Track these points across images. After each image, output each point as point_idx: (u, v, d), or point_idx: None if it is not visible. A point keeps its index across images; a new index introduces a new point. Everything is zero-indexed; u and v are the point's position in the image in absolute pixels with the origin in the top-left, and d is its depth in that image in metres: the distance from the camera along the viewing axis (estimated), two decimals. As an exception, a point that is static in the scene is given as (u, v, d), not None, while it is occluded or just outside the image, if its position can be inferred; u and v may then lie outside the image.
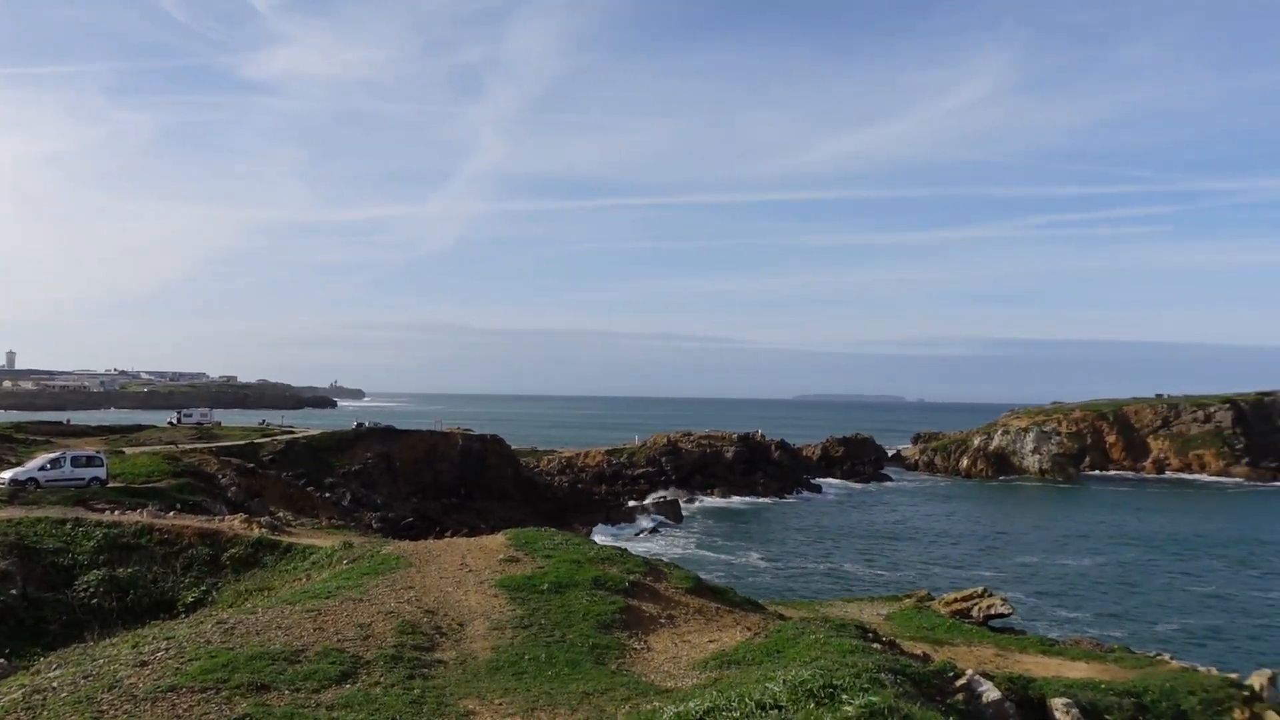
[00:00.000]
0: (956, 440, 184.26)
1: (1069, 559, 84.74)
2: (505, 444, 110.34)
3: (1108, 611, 64.42)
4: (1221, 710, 24.82)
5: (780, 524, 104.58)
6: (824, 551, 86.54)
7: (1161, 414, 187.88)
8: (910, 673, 15.83)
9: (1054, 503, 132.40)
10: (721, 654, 18.51)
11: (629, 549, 33.51)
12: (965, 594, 37.51)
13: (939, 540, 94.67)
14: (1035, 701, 23.11)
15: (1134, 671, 27.20)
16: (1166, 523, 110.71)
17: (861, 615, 34.11)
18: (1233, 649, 54.64)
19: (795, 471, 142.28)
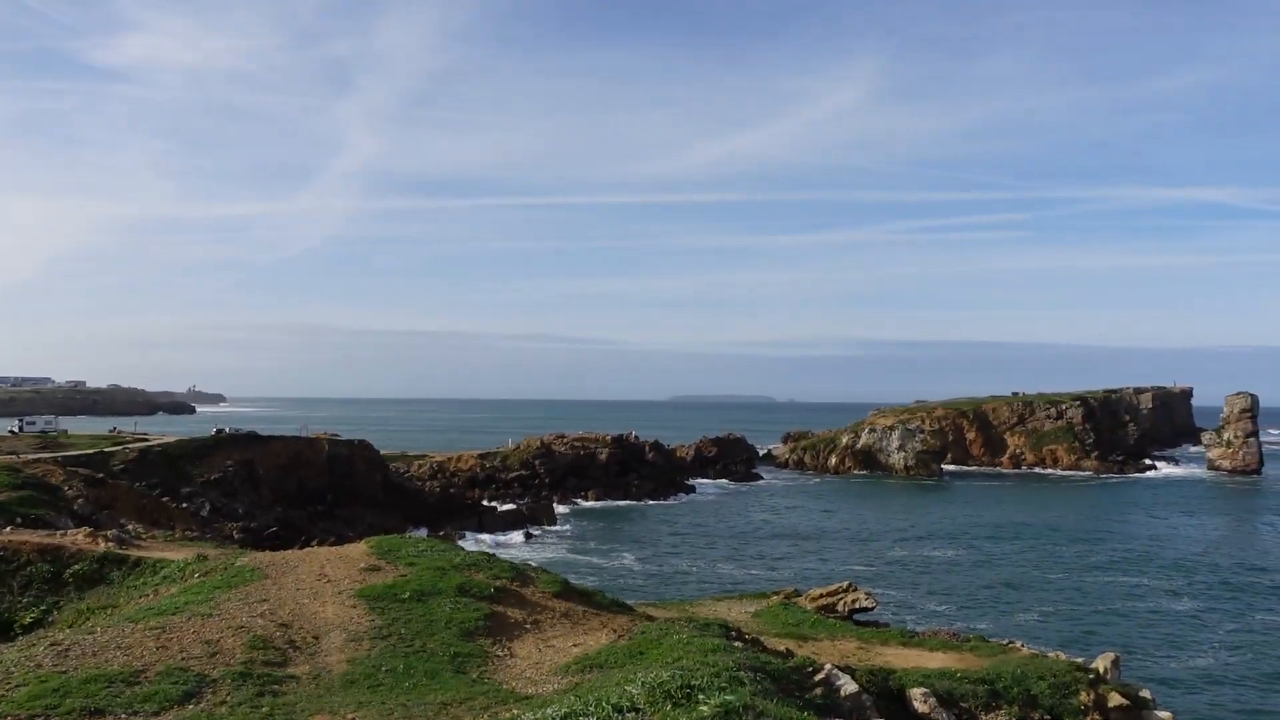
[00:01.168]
0: (825, 439, 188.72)
1: (934, 552, 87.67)
2: (374, 449, 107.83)
3: (971, 601, 66.90)
4: (1069, 693, 25.79)
5: (655, 525, 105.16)
6: (698, 551, 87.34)
7: (1018, 411, 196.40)
8: (770, 670, 15.96)
9: (919, 498, 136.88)
10: (585, 658, 18.33)
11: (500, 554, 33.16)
12: (831, 589, 38.30)
13: (810, 537, 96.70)
14: (895, 692, 23.71)
15: (988, 660, 28.10)
16: (1023, 515, 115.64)
17: (730, 614, 34.43)
18: (1083, 633, 57.38)
19: (669, 472, 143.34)
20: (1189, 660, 52.69)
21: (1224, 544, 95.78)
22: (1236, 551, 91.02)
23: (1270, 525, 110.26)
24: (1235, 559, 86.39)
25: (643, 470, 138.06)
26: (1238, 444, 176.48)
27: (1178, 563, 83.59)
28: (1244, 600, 68.61)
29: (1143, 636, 57.66)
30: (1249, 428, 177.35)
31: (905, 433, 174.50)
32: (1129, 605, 66.16)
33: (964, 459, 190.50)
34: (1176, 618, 62.64)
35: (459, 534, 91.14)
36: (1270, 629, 60.03)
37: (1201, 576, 77.23)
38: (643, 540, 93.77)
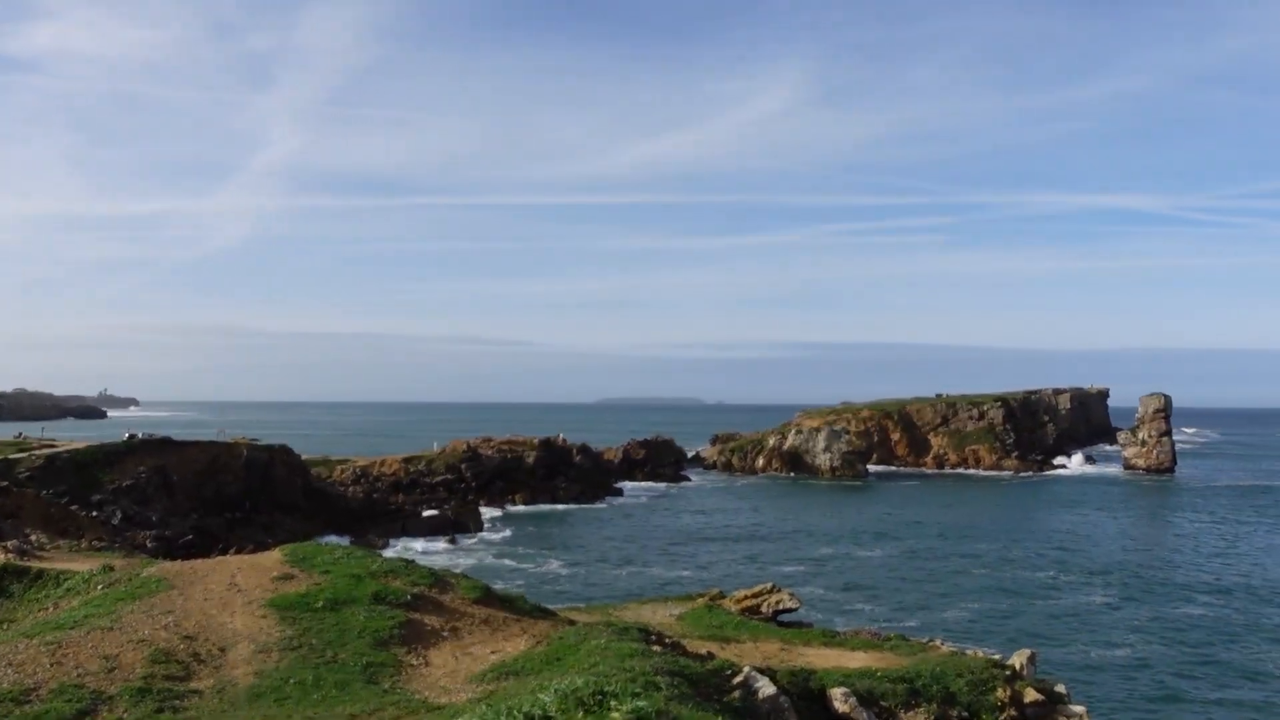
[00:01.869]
0: (753, 440, 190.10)
1: (860, 551, 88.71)
2: (294, 454, 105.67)
3: (896, 599, 67.78)
4: (986, 690, 26.08)
5: (583, 528, 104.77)
6: (627, 554, 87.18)
7: (941, 412, 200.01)
8: (688, 673, 15.79)
9: (844, 498, 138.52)
10: (501, 665, 17.99)
11: (425, 560, 32.47)
12: (755, 591, 38.28)
13: (738, 538, 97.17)
14: (816, 692, 23.70)
15: (908, 658, 28.32)
16: (946, 514, 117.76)
17: (654, 617, 34.25)
18: (1003, 629, 58.49)
19: (597, 475, 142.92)
20: (1104, 653, 53.99)
21: (1138, 540, 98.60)
22: (1150, 547, 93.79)
23: (1182, 522, 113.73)
24: (1149, 554, 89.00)
25: (570, 473, 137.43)
26: (1152, 443, 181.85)
27: (1094, 559, 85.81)
28: (1157, 594, 70.61)
29: (1061, 631, 58.96)
30: (1162, 427, 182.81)
31: (831, 434, 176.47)
32: (1048, 601, 67.66)
33: (889, 459, 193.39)
34: (1093, 612, 64.21)
35: (382, 540, 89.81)
36: (1181, 621, 61.86)
37: (1116, 572, 79.31)
38: (571, 544, 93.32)
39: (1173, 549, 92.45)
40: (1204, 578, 77.09)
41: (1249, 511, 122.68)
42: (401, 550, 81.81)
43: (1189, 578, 77.19)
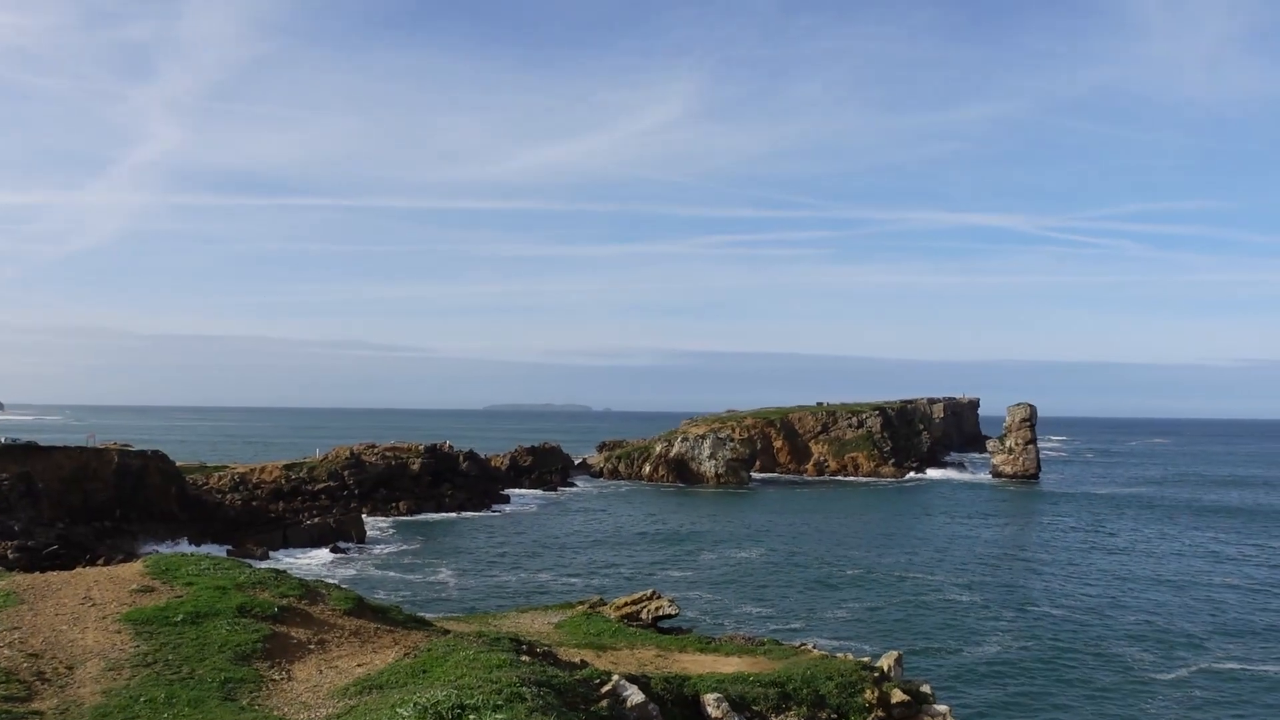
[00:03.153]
0: (640, 448, 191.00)
1: (741, 556, 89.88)
2: (169, 460, 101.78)
3: (773, 604, 68.88)
4: (855, 692, 26.73)
5: (470, 536, 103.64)
6: (513, 562, 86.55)
7: (822, 420, 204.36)
8: (555, 684, 15.78)
9: (729, 504, 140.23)
10: (366, 679, 17.65)
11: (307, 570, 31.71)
12: (635, 597, 38.44)
13: (624, 545, 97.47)
14: (690, 698, 23.99)
15: (780, 662, 28.82)
16: (826, 520, 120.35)
17: (533, 625, 34.13)
18: (877, 631, 60.02)
19: (484, 482, 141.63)
20: (970, 653, 55.91)
21: (1004, 544, 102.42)
22: (1015, 551, 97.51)
23: (1045, 526, 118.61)
24: (1013, 558, 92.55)
25: (456, 480, 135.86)
26: (1018, 450, 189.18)
27: (962, 562, 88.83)
28: (1021, 596, 73.44)
29: (929, 633, 60.80)
30: (1028, 435, 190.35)
31: (716, 441, 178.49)
32: (917, 603, 69.71)
33: (772, 466, 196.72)
34: (960, 614, 66.38)
35: (262, 550, 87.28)
36: (1045, 621, 64.48)
37: (983, 575, 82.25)
38: (458, 552, 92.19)
39: (1036, 552, 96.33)
40: (1065, 580, 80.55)
41: (1107, 516, 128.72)
42: (287, 561, 79.79)
43: (1051, 580, 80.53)
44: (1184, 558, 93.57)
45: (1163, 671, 53.09)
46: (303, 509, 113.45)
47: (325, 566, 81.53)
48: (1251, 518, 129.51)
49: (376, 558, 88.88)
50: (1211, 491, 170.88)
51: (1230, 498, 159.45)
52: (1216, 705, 47.32)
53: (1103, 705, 47.46)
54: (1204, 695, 48.80)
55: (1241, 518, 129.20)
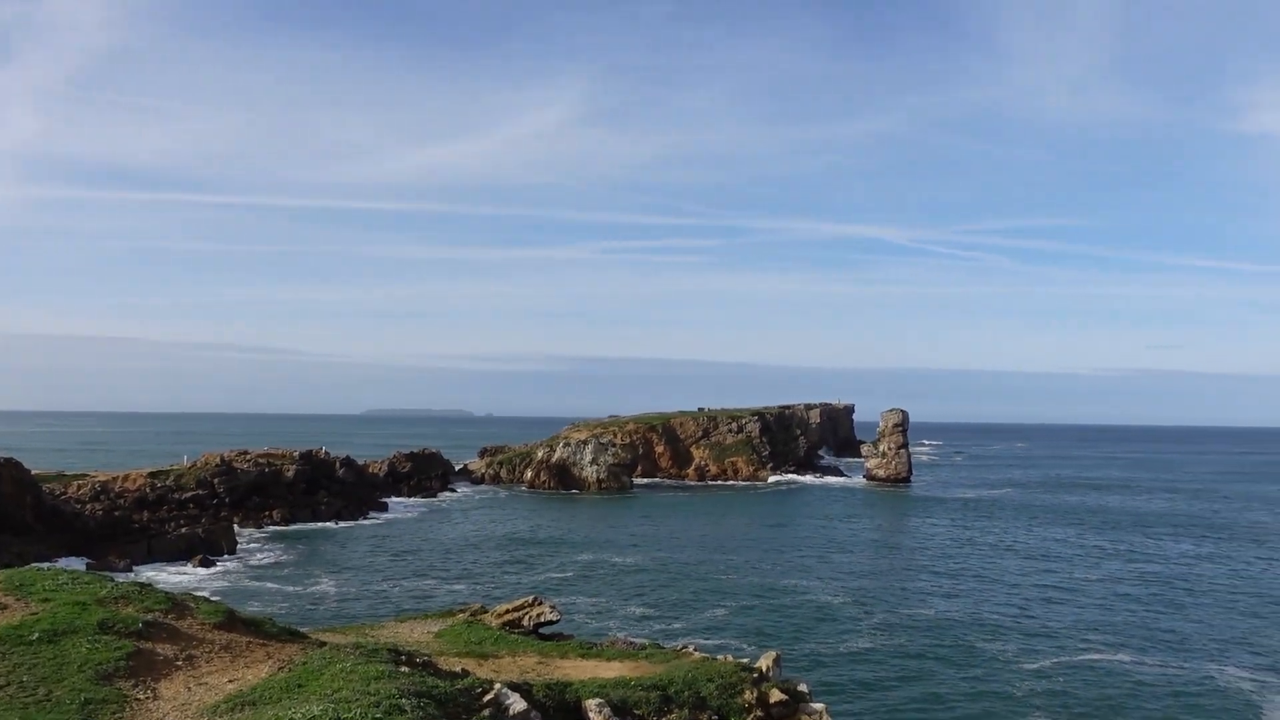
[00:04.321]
0: (521, 453, 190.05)
1: (623, 561, 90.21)
2: (22, 468, 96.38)
3: (655, 608, 69.33)
4: (735, 693, 27.13)
5: (348, 545, 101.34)
6: (394, 571, 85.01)
7: (703, 425, 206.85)
8: (436, 694, 15.59)
9: (611, 509, 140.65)
10: (238, 695, 17.09)
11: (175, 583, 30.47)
12: (516, 604, 38.18)
13: (506, 551, 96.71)
14: (572, 705, 23.96)
15: (662, 665, 29.01)
16: (706, 523, 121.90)
17: (412, 635, 33.59)
18: (753, 634, 60.97)
19: (362, 489, 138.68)
20: (847, 650, 57.34)
21: (878, 544, 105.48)
22: (887, 552, 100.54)
23: (916, 527, 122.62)
24: (886, 559, 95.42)
25: (333, 488, 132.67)
26: (891, 455, 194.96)
27: (837, 564, 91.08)
28: (893, 595, 75.70)
29: (806, 633, 62.14)
30: (900, 440, 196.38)
31: (598, 446, 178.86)
32: (795, 604, 71.16)
33: (653, 471, 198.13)
34: (835, 613, 68.03)
35: (125, 562, 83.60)
36: (916, 618, 66.61)
37: (857, 576, 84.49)
38: (337, 562, 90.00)
39: (907, 552, 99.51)
40: (935, 578, 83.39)
41: (974, 517, 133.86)
42: (152, 574, 76.55)
43: (922, 579, 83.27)
44: (1047, 556, 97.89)
45: (1026, 662, 55.54)
46: (169, 519, 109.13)
47: (194, 579, 78.60)
48: (1108, 516, 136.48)
49: (249, 569, 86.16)
50: (1071, 493, 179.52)
51: (1089, 499, 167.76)
52: (1073, 692, 49.67)
53: (970, 695, 49.41)
54: (1063, 683, 51.23)
55: (1099, 517, 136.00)
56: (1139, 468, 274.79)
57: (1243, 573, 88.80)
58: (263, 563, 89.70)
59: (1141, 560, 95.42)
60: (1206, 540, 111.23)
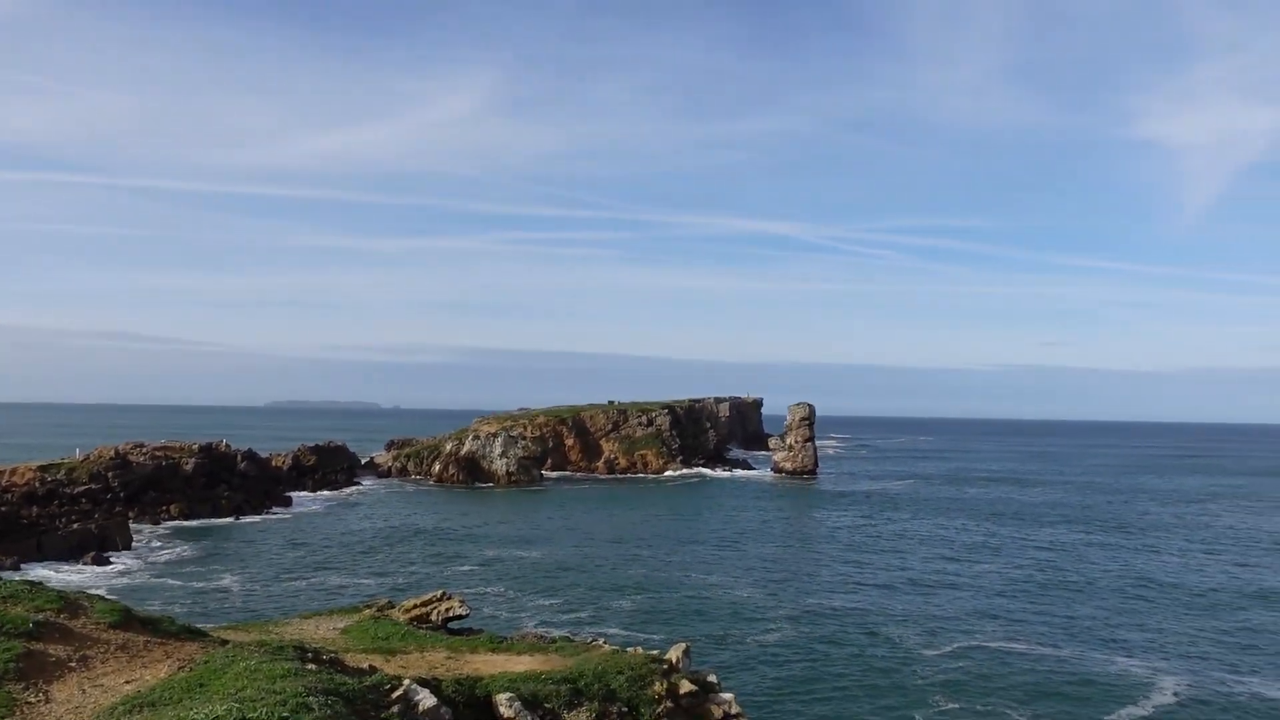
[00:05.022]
0: (429, 446, 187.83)
1: (533, 554, 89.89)
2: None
3: (566, 601, 69.24)
4: (645, 685, 27.32)
5: (251, 540, 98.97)
6: (299, 566, 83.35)
7: (612, 418, 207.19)
8: (344, 691, 15.35)
9: (520, 502, 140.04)
10: (136, 696, 16.55)
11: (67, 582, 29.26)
12: (424, 599, 37.76)
13: (413, 545, 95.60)
14: (482, 699, 23.84)
15: (572, 659, 29.03)
16: (616, 516, 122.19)
17: (317, 632, 32.99)
18: (663, 626, 61.38)
19: (264, 483, 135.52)
20: (755, 641, 58.16)
21: (785, 536, 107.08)
22: (795, 543, 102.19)
23: (822, 519, 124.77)
24: (794, 549, 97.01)
25: (234, 482, 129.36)
26: (798, 448, 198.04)
27: (746, 554, 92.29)
28: (800, 586, 77.00)
29: (715, 624, 62.84)
30: (807, 434, 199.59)
31: (508, 439, 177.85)
32: (704, 596, 71.87)
33: (563, 465, 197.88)
34: (744, 605, 68.90)
35: (11, 560, 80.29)
36: (823, 608, 67.89)
37: (766, 566, 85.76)
38: (240, 557, 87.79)
39: (813, 544, 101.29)
40: (841, 570, 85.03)
41: (879, 509, 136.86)
42: (43, 572, 73.60)
43: (828, 571, 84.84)
44: (947, 546, 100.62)
45: (927, 649, 57.05)
46: (60, 514, 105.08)
47: (89, 577, 75.92)
48: (1005, 508, 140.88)
49: (148, 566, 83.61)
50: (970, 486, 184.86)
51: (987, 491, 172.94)
52: (971, 678, 51.21)
53: (874, 682, 50.58)
54: (961, 669, 52.79)
55: (997, 508, 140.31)
56: (1033, 461, 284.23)
57: (1131, 561, 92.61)
58: (162, 559, 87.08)
59: (1036, 550, 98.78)
60: (1096, 531, 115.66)
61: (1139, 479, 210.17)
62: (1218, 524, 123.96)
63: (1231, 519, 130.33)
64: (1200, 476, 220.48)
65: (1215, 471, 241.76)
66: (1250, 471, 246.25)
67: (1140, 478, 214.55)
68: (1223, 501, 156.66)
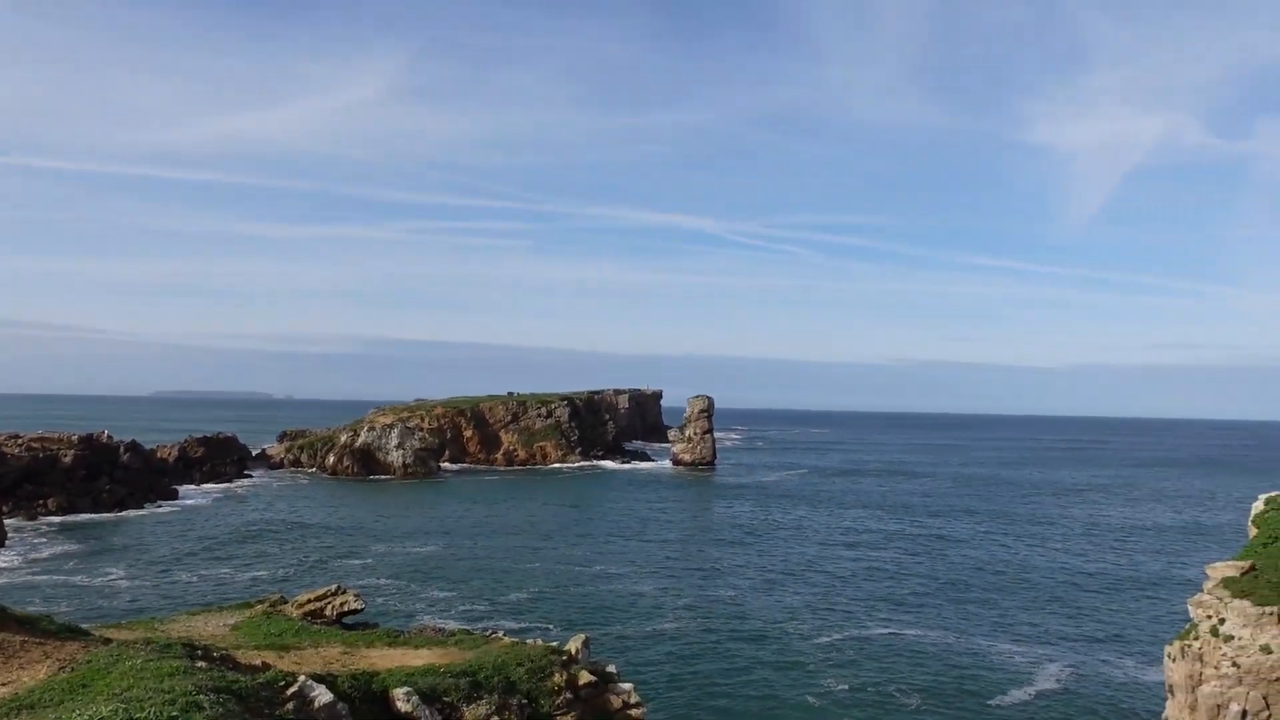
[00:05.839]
0: (324, 437, 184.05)
1: (431, 547, 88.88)
2: None
3: (464, 594, 68.71)
4: (544, 676, 27.31)
5: (136, 535, 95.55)
6: (189, 562, 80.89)
7: (512, 410, 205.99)
8: (236, 689, 14.97)
9: (417, 495, 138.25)
10: (14, 699, 15.85)
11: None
12: (318, 593, 37.01)
13: (307, 539, 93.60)
14: (379, 695, 23.51)
15: (471, 652, 28.82)
16: (514, 508, 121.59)
17: (206, 629, 32.06)
18: (562, 617, 61.40)
19: (149, 476, 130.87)
20: (653, 631, 58.70)
21: (683, 527, 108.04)
22: (693, 533, 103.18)
23: (720, 510, 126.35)
24: (691, 540, 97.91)
25: (116, 474, 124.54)
26: (697, 440, 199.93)
27: (644, 545, 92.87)
28: (698, 574, 77.90)
29: (614, 614, 63.14)
30: (706, 426, 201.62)
31: (404, 431, 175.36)
32: (603, 587, 72.11)
33: (461, 456, 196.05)
34: (642, 595, 69.40)
35: None
36: (720, 597, 68.80)
37: (664, 556, 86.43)
38: (125, 552, 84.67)
39: (711, 534, 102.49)
40: (737, 560, 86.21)
41: (776, 501, 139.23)
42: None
43: (724, 561, 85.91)
44: (842, 536, 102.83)
45: (823, 636, 58.37)
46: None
47: (-45, 574, 72.31)
48: (899, 499, 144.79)
49: (27, 563, 79.98)
50: (866, 477, 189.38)
51: (882, 483, 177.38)
52: (862, 663, 52.60)
53: (770, 667, 51.66)
54: (853, 655, 54.20)
55: (891, 500, 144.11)
56: (927, 453, 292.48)
57: (1017, 549, 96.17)
58: (43, 556, 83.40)
59: (927, 539, 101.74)
60: (985, 520, 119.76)
61: (1028, 471, 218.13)
62: (1099, 514, 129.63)
63: (1111, 509, 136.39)
64: (1085, 469, 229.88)
65: (1098, 464, 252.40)
66: (1131, 463, 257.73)
67: (1029, 470, 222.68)
68: (1104, 492, 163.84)
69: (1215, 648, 36.54)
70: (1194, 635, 37.43)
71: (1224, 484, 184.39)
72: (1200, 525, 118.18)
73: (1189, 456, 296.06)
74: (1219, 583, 38.12)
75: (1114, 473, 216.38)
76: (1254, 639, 36.12)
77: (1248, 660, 35.97)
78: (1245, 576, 38.02)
